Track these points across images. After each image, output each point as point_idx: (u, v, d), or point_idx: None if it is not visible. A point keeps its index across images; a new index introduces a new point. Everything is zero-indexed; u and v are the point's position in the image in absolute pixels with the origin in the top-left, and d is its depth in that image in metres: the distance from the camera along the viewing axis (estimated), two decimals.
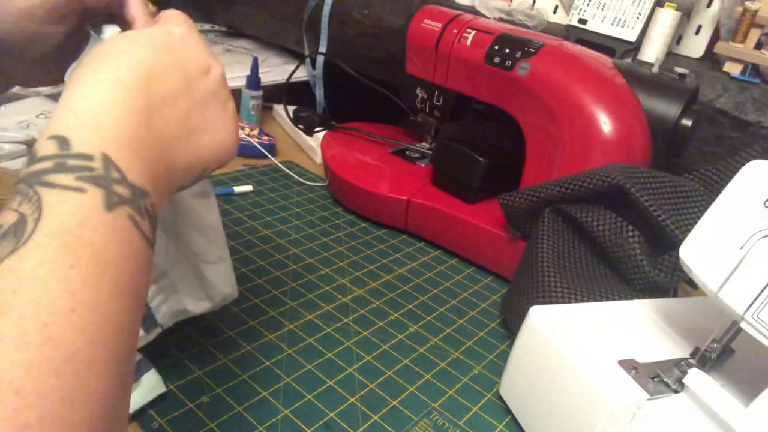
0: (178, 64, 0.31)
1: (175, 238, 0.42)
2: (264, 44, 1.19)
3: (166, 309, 0.43)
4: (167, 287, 0.43)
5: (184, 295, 0.44)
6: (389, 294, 0.61)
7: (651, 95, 0.61)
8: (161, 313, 0.43)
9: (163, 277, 0.42)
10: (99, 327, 0.23)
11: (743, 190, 0.37)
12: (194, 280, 0.44)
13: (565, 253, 0.55)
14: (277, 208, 0.74)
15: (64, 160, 0.25)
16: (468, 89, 0.72)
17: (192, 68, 0.32)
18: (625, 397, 0.37)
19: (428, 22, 0.73)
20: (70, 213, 0.24)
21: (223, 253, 0.44)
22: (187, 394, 0.44)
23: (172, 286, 0.43)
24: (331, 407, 0.45)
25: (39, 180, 0.24)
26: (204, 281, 0.44)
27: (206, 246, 0.43)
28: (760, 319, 0.34)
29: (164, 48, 0.31)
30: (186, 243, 0.43)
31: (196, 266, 0.44)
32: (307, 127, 0.87)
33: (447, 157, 0.73)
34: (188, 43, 0.33)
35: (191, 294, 0.44)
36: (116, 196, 0.25)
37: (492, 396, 0.49)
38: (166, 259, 0.42)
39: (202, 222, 0.42)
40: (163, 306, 0.43)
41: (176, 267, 0.43)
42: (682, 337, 0.46)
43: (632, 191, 0.51)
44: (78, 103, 0.27)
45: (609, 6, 0.77)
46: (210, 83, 0.33)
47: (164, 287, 0.42)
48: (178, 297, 0.43)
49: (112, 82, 0.28)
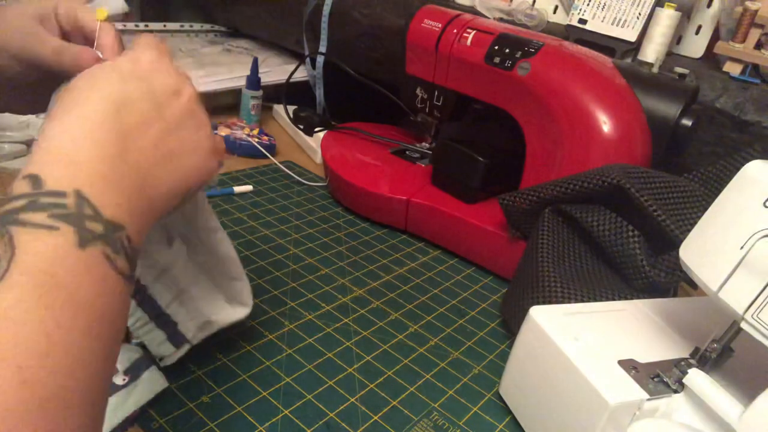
0: (148, 90, 0.31)
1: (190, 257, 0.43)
2: (264, 44, 1.19)
3: (191, 323, 0.44)
4: (187, 302, 0.43)
5: (206, 307, 0.44)
6: (389, 294, 0.61)
7: (651, 95, 0.61)
8: (187, 328, 0.43)
9: (183, 294, 0.43)
10: (72, 369, 0.23)
11: (743, 190, 0.37)
12: (217, 293, 0.45)
13: (565, 253, 0.55)
14: (277, 208, 0.74)
15: (36, 198, 0.25)
16: (468, 89, 0.72)
17: (162, 92, 0.32)
18: (625, 397, 0.37)
19: (428, 22, 0.73)
20: (42, 252, 0.23)
21: (240, 275, 0.45)
22: (187, 394, 0.44)
23: (193, 301, 0.43)
24: (331, 407, 0.45)
25: (11, 219, 0.24)
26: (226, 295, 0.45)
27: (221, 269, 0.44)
28: (760, 319, 0.34)
29: (131, 76, 0.31)
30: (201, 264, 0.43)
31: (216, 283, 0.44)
32: (307, 127, 0.87)
33: (447, 157, 0.73)
34: (157, 67, 0.33)
35: (214, 305, 0.45)
36: (89, 233, 0.25)
37: (492, 396, 0.49)
38: (185, 276, 0.42)
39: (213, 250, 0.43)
40: (187, 321, 0.43)
41: (196, 283, 0.43)
42: (682, 337, 0.46)
43: (632, 191, 0.51)
44: (51, 142, 0.27)
45: (609, 6, 0.77)
46: (182, 105, 0.33)
47: (184, 302, 0.43)
48: (200, 310, 0.44)
49: (83, 118, 0.28)
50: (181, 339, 0.43)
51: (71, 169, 0.26)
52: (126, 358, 0.42)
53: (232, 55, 1.12)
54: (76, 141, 0.27)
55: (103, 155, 0.27)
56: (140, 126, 0.30)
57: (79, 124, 0.28)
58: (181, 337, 0.43)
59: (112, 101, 0.29)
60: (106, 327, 0.25)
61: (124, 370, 0.42)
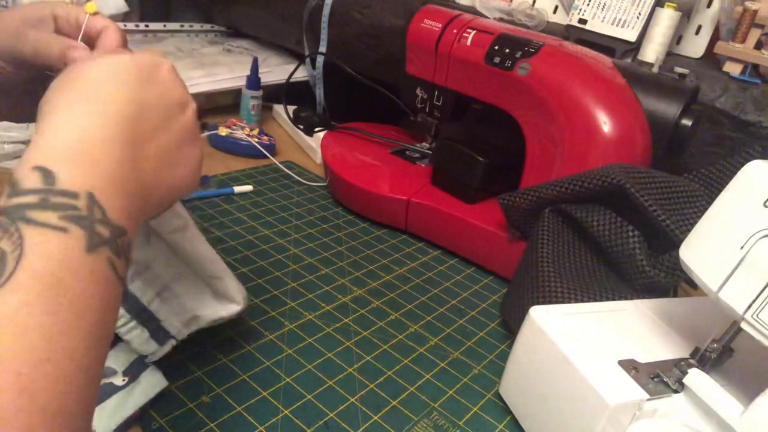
0: (163, 99, 0.32)
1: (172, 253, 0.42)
2: (264, 44, 1.19)
3: (175, 319, 0.43)
4: (170, 299, 0.43)
5: (190, 303, 0.44)
6: (389, 294, 0.61)
7: (651, 95, 0.61)
8: (172, 324, 0.43)
9: (166, 290, 0.42)
10: (72, 377, 0.22)
11: (743, 190, 0.37)
12: (202, 288, 0.44)
13: (565, 253, 0.55)
14: (277, 208, 0.74)
15: (47, 196, 0.24)
16: (468, 89, 0.72)
17: (174, 103, 0.33)
18: (625, 397, 0.37)
19: (428, 22, 0.73)
20: (51, 254, 0.23)
21: (223, 273, 0.45)
22: (187, 394, 0.44)
23: (176, 297, 0.43)
24: (331, 407, 0.45)
25: (21, 215, 0.23)
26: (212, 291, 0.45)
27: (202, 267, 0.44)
28: (760, 319, 0.34)
29: (152, 81, 0.32)
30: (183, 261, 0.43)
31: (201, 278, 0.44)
32: (307, 127, 0.87)
33: (447, 157, 0.73)
34: (173, 77, 0.33)
35: (199, 301, 0.44)
36: (97, 237, 0.25)
37: (492, 396, 0.49)
38: (167, 272, 0.42)
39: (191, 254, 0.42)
40: (172, 317, 0.43)
41: (180, 280, 0.43)
42: (682, 337, 0.46)
43: (632, 191, 0.51)
44: (64, 133, 0.26)
45: (609, 6, 0.77)
46: (186, 118, 0.34)
47: (167, 299, 0.42)
48: (184, 306, 0.44)
49: (102, 115, 0.28)
50: (165, 336, 0.43)
51: (87, 170, 0.26)
52: (125, 359, 0.42)
53: (232, 55, 1.12)
54: (93, 138, 0.27)
55: (117, 158, 0.27)
56: (151, 133, 0.30)
57: (99, 121, 0.27)
58: (164, 334, 0.42)
59: (135, 105, 0.29)
60: (103, 330, 0.25)
61: (124, 371, 0.42)
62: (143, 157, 0.30)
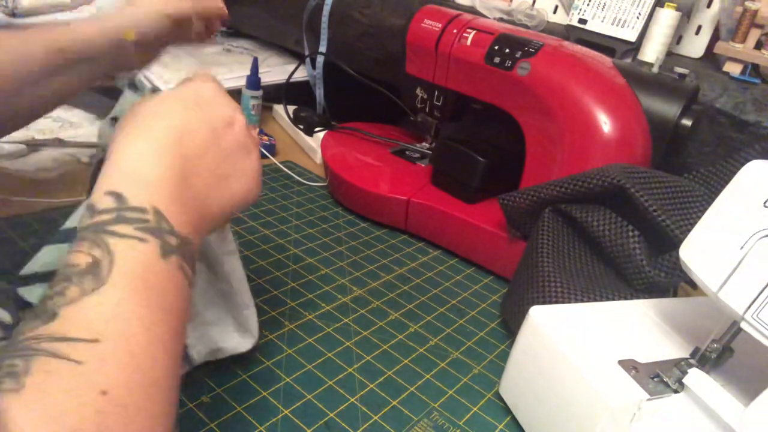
0: (207, 120, 0.35)
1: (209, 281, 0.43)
2: (264, 44, 1.19)
3: (201, 347, 0.44)
4: (199, 326, 0.43)
5: (217, 334, 0.45)
6: (389, 294, 0.61)
7: (651, 95, 0.61)
8: (196, 350, 0.44)
9: (197, 316, 0.43)
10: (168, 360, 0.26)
11: (743, 190, 0.37)
12: (228, 320, 0.45)
13: (565, 253, 0.55)
14: (277, 208, 0.74)
15: (122, 213, 0.28)
16: (468, 89, 0.72)
17: (219, 122, 0.36)
18: (625, 397, 0.37)
19: (428, 22, 0.73)
20: (137, 258, 0.27)
21: (249, 302, 0.45)
22: (187, 394, 0.44)
23: (205, 325, 0.44)
24: (331, 407, 0.45)
25: (104, 229, 0.27)
26: (236, 323, 0.45)
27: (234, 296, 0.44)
28: (760, 319, 0.34)
29: (193, 106, 0.35)
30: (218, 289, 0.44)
31: (229, 310, 0.45)
32: (307, 127, 0.87)
33: (447, 157, 0.73)
34: (216, 100, 0.36)
35: (224, 332, 0.45)
36: (168, 245, 0.29)
37: (492, 396, 0.49)
38: (201, 299, 0.43)
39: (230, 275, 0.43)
40: (198, 344, 0.43)
41: (210, 308, 0.44)
42: (682, 337, 0.46)
43: (632, 191, 0.51)
44: (126, 163, 0.30)
45: (609, 6, 0.77)
46: (235, 134, 0.36)
47: (197, 326, 0.43)
48: (211, 336, 0.44)
49: (152, 143, 0.31)
50: (186, 360, 0.43)
51: (147, 189, 0.30)
52: None
53: (232, 55, 1.12)
54: (148, 164, 0.30)
55: (169, 177, 0.31)
56: (198, 152, 0.33)
57: (149, 149, 0.31)
58: (186, 358, 0.43)
59: (177, 130, 0.33)
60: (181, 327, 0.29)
61: None
62: (195, 174, 0.33)
